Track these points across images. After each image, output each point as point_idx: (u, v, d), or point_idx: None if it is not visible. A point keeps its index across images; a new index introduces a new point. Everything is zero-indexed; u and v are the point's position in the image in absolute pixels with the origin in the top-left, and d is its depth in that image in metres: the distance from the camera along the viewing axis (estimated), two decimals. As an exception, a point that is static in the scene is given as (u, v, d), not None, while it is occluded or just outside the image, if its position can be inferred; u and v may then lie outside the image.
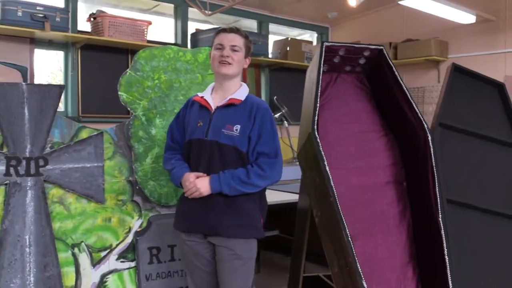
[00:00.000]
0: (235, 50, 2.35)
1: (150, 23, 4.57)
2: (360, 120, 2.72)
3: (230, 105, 2.36)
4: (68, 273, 2.69)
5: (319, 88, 2.45)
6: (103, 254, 2.80)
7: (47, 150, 2.66)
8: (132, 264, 2.87)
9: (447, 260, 2.35)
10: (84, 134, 2.77)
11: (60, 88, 2.72)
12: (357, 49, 2.63)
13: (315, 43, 6.42)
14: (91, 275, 2.75)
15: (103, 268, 2.80)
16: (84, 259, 2.74)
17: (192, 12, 5.17)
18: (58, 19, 3.93)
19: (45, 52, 4.47)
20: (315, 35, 6.66)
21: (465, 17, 5.04)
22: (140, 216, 2.92)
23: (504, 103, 2.87)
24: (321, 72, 2.49)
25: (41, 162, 2.63)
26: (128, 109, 2.89)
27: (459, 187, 2.60)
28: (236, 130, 2.30)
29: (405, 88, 2.58)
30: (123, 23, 4.35)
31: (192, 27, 5.27)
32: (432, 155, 2.49)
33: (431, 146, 2.49)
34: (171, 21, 5.23)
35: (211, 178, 2.28)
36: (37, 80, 4.30)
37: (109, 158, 2.81)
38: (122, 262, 2.85)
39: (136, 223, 2.90)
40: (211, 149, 2.32)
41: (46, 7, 3.91)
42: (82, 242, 2.74)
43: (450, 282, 2.33)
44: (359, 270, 2.14)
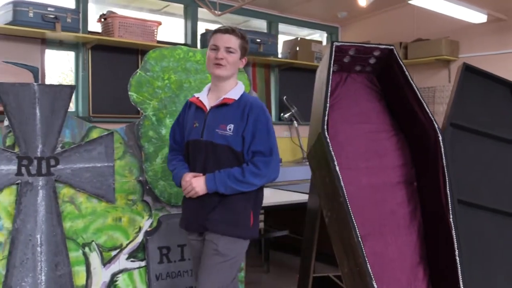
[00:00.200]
0: (230, 52, 2.33)
1: (160, 23, 4.58)
2: (370, 120, 2.70)
3: (224, 104, 2.36)
4: (79, 272, 2.71)
5: (329, 88, 2.44)
6: (113, 253, 2.81)
7: (58, 150, 2.68)
8: (142, 263, 2.88)
9: (458, 261, 2.34)
10: (94, 134, 2.79)
11: (71, 89, 2.74)
12: (367, 49, 2.62)
13: (324, 43, 6.40)
14: (101, 274, 2.77)
15: (114, 267, 2.81)
16: (94, 259, 2.76)
17: (202, 12, 5.17)
18: (69, 20, 3.95)
19: (56, 53, 4.49)
20: (325, 35, 6.64)
21: (476, 16, 5.00)
22: (150, 215, 2.93)
23: (516, 103, 2.84)
24: (331, 72, 2.48)
25: (52, 162, 2.65)
26: (138, 109, 2.90)
27: (470, 187, 2.58)
28: (230, 129, 2.31)
29: (415, 88, 2.57)
30: (133, 24, 4.37)
31: (201, 27, 5.27)
32: (443, 155, 2.47)
33: (442, 146, 2.48)
34: (181, 21, 5.24)
35: (207, 178, 2.30)
36: (48, 81, 4.33)
37: (119, 158, 2.83)
38: (132, 261, 2.86)
39: (146, 223, 2.91)
40: (206, 149, 2.34)
41: (57, 8, 3.93)
42: (93, 241, 2.76)
43: (461, 283, 2.31)
44: (369, 270, 2.13)
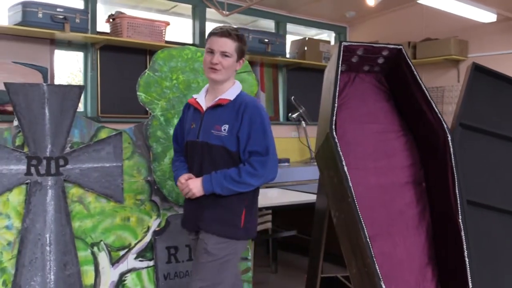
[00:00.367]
0: (225, 56, 2.30)
1: (168, 23, 4.59)
2: (379, 120, 2.69)
3: (219, 105, 2.35)
4: (88, 271, 2.72)
5: (337, 88, 2.44)
6: (121, 253, 2.82)
7: (67, 150, 2.69)
8: (151, 263, 2.89)
9: (467, 262, 2.33)
10: (103, 134, 2.80)
11: (79, 89, 2.76)
12: (375, 48, 2.61)
13: (333, 43, 6.39)
14: (110, 274, 2.78)
15: (122, 267, 2.82)
16: (103, 258, 2.77)
17: (210, 12, 5.18)
18: (77, 20, 3.97)
19: (65, 53, 4.51)
20: (333, 34, 6.63)
21: (485, 15, 4.97)
22: (158, 215, 2.93)
23: (526, 103, 2.82)
24: (339, 72, 2.47)
25: (61, 162, 2.66)
26: (147, 109, 2.91)
27: (479, 188, 2.56)
28: (224, 130, 2.30)
29: (424, 88, 2.56)
30: (141, 24, 4.38)
31: (209, 28, 5.25)
32: (452, 155, 2.46)
33: (451, 146, 2.47)
34: (189, 21, 5.25)
35: (203, 179, 2.30)
36: (57, 81, 4.34)
37: (127, 158, 2.84)
38: (140, 261, 2.87)
39: (154, 223, 2.92)
40: (202, 150, 2.34)
41: (66, 9, 3.95)
42: (101, 241, 2.77)
43: (470, 284, 2.30)
44: (378, 271, 2.12)
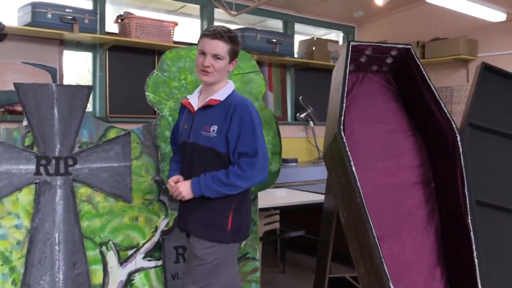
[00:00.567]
0: (217, 58, 2.27)
1: (176, 24, 4.60)
2: (387, 120, 2.69)
3: (209, 106, 2.32)
4: (96, 271, 2.73)
5: (346, 88, 2.43)
6: (130, 252, 2.83)
7: (76, 149, 2.70)
8: (159, 262, 2.90)
9: (476, 263, 2.32)
10: (111, 134, 2.81)
11: (88, 89, 2.77)
12: (384, 48, 2.61)
13: (341, 42, 6.38)
14: (118, 273, 2.79)
15: (130, 266, 2.83)
16: (111, 258, 2.78)
17: (218, 12, 5.18)
18: (86, 21, 3.99)
19: (73, 54, 4.53)
20: (341, 34, 6.62)
21: (495, 15, 4.93)
22: (166, 215, 2.94)
23: (536, 103, 2.80)
24: (347, 71, 2.47)
25: (70, 162, 2.67)
26: (155, 109, 2.91)
27: (488, 188, 2.55)
28: (213, 131, 2.27)
29: (433, 88, 2.55)
30: (150, 24, 4.39)
31: (218, 28, 5.28)
32: (461, 155, 2.45)
33: (460, 146, 2.45)
34: (197, 22, 5.25)
35: (192, 182, 2.28)
36: (66, 81, 4.37)
37: (136, 157, 2.84)
38: (148, 260, 2.88)
39: (162, 222, 2.93)
40: (192, 151, 2.33)
41: (75, 9, 3.96)
42: (110, 240, 2.78)
43: (479, 284, 2.29)
44: (386, 271, 2.11)
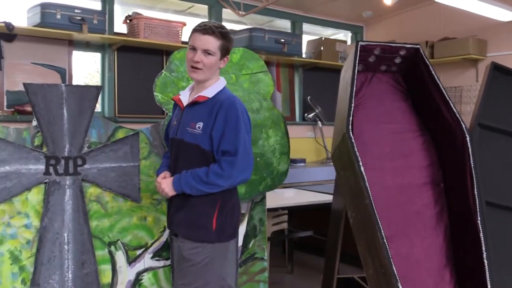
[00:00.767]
0: (208, 54, 2.24)
1: (184, 24, 4.61)
2: (396, 120, 2.68)
3: (196, 102, 2.31)
4: (105, 270, 2.75)
5: (354, 88, 2.43)
6: (138, 252, 2.83)
7: (85, 149, 2.72)
8: (167, 262, 2.90)
9: (486, 264, 2.30)
10: (120, 134, 2.82)
11: (97, 89, 2.78)
12: (393, 48, 2.60)
13: (349, 42, 6.36)
14: (127, 273, 2.80)
15: (139, 266, 2.84)
16: (120, 257, 2.79)
17: (226, 12, 5.19)
18: (95, 22, 4.01)
19: (82, 54, 4.56)
20: (349, 34, 6.60)
21: (504, 14, 4.90)
22: (174, 215, 2.94)
23: (546, 103, 2.78)
24: (356, 71, 2.46)
25: (79, 162, 2.69)
26: (163, 109, 2.92)
27: (498, 188, 2.54)
28: (199, 128, 2.25)
29: (442, 88, 2.54)
30: (158, 25, 4.41)
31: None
32: (471, 155, 2.43)
33: (470, 147, 2.44)
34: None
35: (174, 179, 2.27)
36: (75, 81, 4.39)
37: (144, 157, 2.85)
38: (157, 260, 2.88)
39: (170, 222, 2.93)
40: (178, 147, 2.32)
41: (84, 10, 3.98)
42: (119, 240, 2.79)
43: (489, 285, 2.28)
44: (395, 272, 2.11)
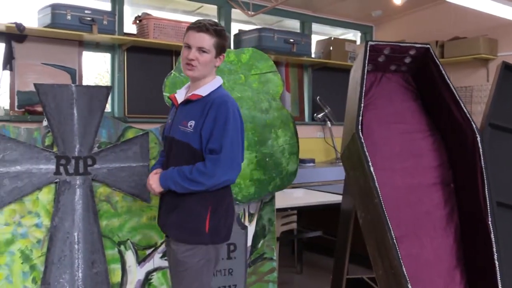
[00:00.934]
0: (203, 52, 2.23)
1: (194, 24, 4.62)
2: (406, 120, 2.67)
3: (190, 101, 2.29)
4: (115, 270, 2.76)
5: (364, 88, 2.42)
6: (148, 252, 2.85)
7: (95, 149, 2.73)
8: (176, 262, 2.91)
9: (497, 265, 2.28)
10: (130, 134, 2.83)
11: (107, 89, 2.79)
12: (402, 48, 2.59)
13: (358, 42, 6.34)
14: (136, 273, 2.81)
15: (148, 265, 2.84)
16: (130, 257, 2.80)
17: (235, 13, 5.20)
18: (105, 22, 4.02)
19: (92, 54, 4.58)
20: (359, 34, 6.58)
21: (515, 13, 4.87)
22: (184, 215, 2.95)
23: (558, 103, 2.76)
24: (365, 71, 2.46)
25: (89, 161, 2.70)
26: (173, 109, 2.92)
27: (509, 189, 2.52)
28: (191, 126, 2.23)
29: (452, 87, 2.52)
30: (167, 25, 4.42)
31: (235, 28, 5.29)
32: (482, 156, 2.42)
33: (480, 147, 2.43)
34: (215, 22, 5.27)
35: (161, 175, 2.26)
36: (85, 82, 4.41)
37: (154, 157, 2.86)
38: (166, 260, 2.89)
39: (180, 222, 2.94)
40: (170, 145, 2.30)
41: (94, 11, 4.00)
42: (128, 240, 2.80)
43: (500, 286, 2.26)
44: (404, 272, 2.10)
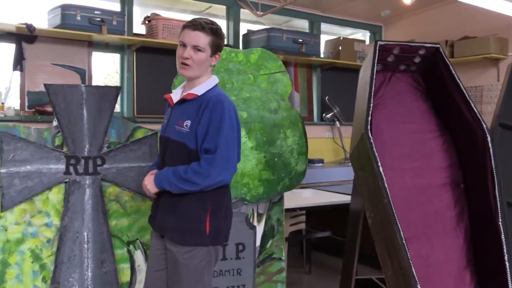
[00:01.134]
0: (198, 50, 2.21)
1: (202, 25, 4.62)
2: (415, 120, 2.65)
3: (185, 100, 2.27)
4: (124, 269, 2.77)
5: (373, 88, 2.41)
6: (157, 251, 2.85)
7: (104, 149, 2.74)
8: (185, 262, 2.91)
9: (507, 266, 2.27)
10: (139, 134, 2.84)
11: (116, 90, 2.80)
12: (412, 47, 2.57)
13: (367, 42, 6.32)
14: (145, 272, 2.81)
15: (157, 265, 2.85)
16: (139, 256, 2.81)
17: (244, 13, 5.20)
18: (114, 23, 4.04)
19: (102, 55, 4.60)
20: (368, 34, 6.56)
21: (526, 12, 4.83)
22: (193, 215, 2.95)
23: None
24: (374, 71, 2.45)
25: (98, 161, 2.71)
26: (182, 109, 2.93)
27: (520, 189, 2.50)
28: (186, 126, 2.21)
29: (462, 87, 2.51)
30: (176, 26, 4.43)
31: (244, 28, 5.30)
32: (492, 156, 2.40)
33: (491, 147, 2.41)
34: (224, 22, 5.28)
35: (156, 175, 2.23)
36: (94, 82, 4.43)
37: (163, 157, 2.87)
38: (175, 260, 2.90)
39: (189, 222, 2.94)
40: (166, 145, 2.28)
41: (104, 11, 4.02)
42: (137, 239, 2.81)
43: (510, 287, 2.24)
44: (414, 273, 2.09)
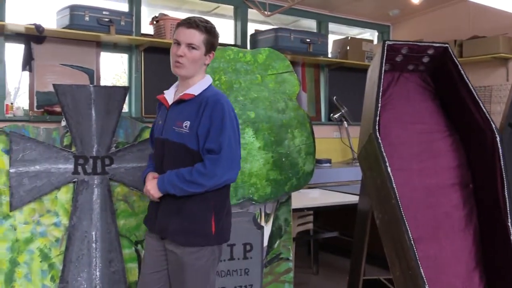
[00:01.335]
0: (192, 48, 2.19)
1: (210, 25, 4.63)
2: (424, 120, 2.64)
3: (182, 100, 2.24)
4: (132, 269, 2.78)
5: (381, 88, 2.40)
6: (165, 251, 2.86)
7: (113, 149, 2.75)
8: (193, 262, 2.92)
9: (516, 267, 2.25)
10: (147, 134, 2.84)
11: (124, 90, 2.81)
12: (420, 47, 2.56)
13: (375, 42, 6.30)
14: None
15: (165, 265, 2.86)
16: (146, 256, 2.81)
17: (252, 13, 5.20)
18: (122, 23, 4.05)
19: (110, 55, 4.62)
20: (376, 33, 6.54)
21: (536, 12, 4.79)
22: (200, 215, 2.95)
23: None
24: (382, 71, 2.44)
25: (107, 161, 2.72)
26: (189, 109, 2.93)
27: (530, 190, 2.48)
28: (186, 126, 2.18)
29: (471, 87, 2.49)
30: (184, 26, 4.43)
31: (251, 28, 5.30)
32: (501, 156, 2.38)
33: (500, 147, 2.39)
34: (231, 22, 5.28)
35: (158, 179, 2.20)
36: (102, 82, 4.45)
37: (171, 157, 2.88)
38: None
39: (196, 222, 2.94)
40: (164, 147, 2.25)
41: (112, 12, 4.03)
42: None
43: (520, 289, 2.23)
44: (422, 274, 2.08)
